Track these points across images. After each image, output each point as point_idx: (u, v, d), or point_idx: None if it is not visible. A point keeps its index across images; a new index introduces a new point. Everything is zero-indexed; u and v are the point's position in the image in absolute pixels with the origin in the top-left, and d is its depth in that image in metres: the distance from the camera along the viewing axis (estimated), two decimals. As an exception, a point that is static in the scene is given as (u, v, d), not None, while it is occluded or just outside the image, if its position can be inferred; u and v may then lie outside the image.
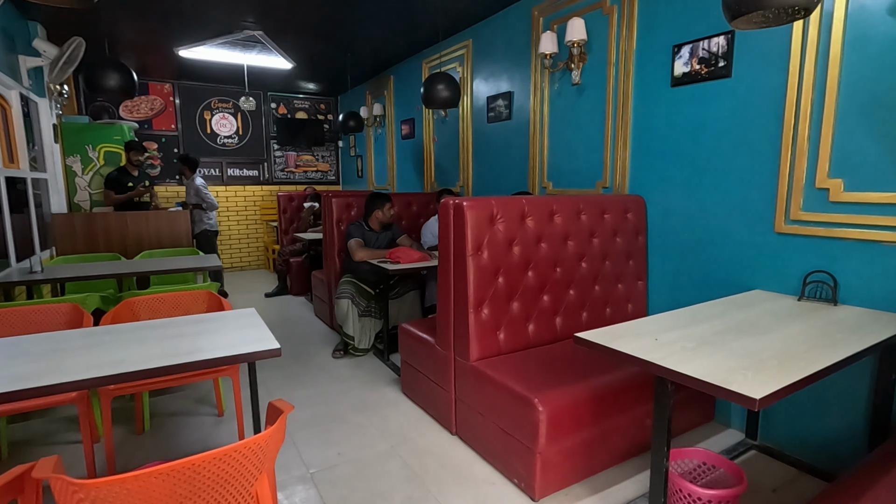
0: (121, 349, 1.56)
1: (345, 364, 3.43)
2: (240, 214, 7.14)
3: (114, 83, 2.99)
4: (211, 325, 1.83)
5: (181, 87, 6.53)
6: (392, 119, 5.84)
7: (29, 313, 2.18)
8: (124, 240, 4.32)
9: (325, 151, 7.74)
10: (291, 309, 5.01)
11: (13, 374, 1.37)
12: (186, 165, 5.32)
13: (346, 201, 4.04)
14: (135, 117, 6.28)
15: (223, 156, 6.91)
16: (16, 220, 3.47)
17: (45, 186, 4.31)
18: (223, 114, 6.85)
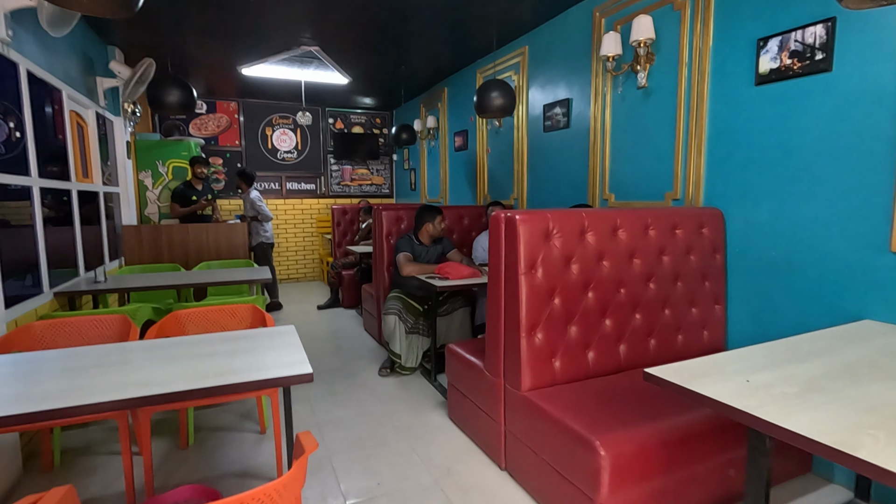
0: (151, 368, 1.50)
1: (391, 383, 3.31)
2: (297, 227, 7.30)
3: (173, 99, 3.08)
4: (247, 344, 1.75)
5: (245, 104, 6.80)
6: (445, 131, 5.76)
7: (83, 324, 2.21)
8: (186, 251, 4.47)
9: (380, 165, 7.80)
10: (341, 322, 4.98)
11: (48, 390, 1.34)
12: (243, 180, 5.47)
13: (397, 214, 3.95)
14: (202, 134, 6.60)
15: (283, 170, 7.11)
16: (88, 232, 3.65)
17: (117, 199, 4.55)
18: (283, 129, 7.06)
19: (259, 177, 6.72)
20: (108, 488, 2.12)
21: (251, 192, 5.40)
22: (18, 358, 1.63)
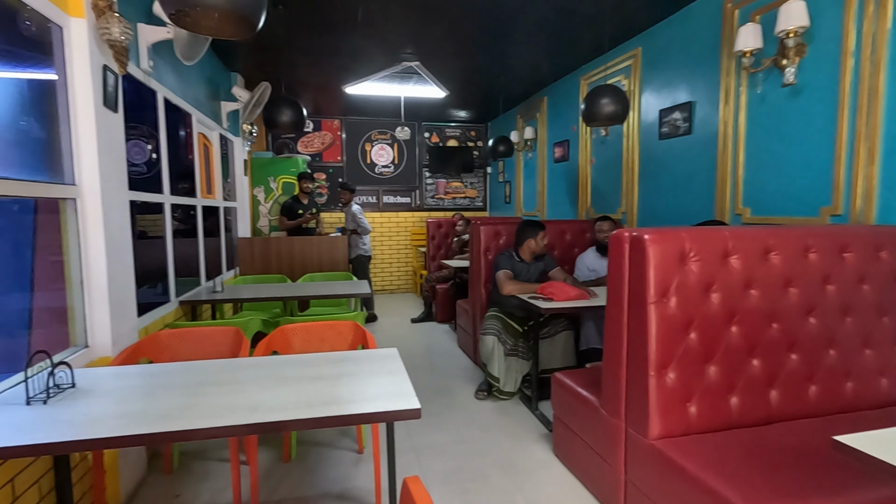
0: (261, 391, 1.47)
1: (488, 408, 3.13)
2: (392, 240, 7.45)
3: (286, 119, 3.21)
4: (352, 367, 1.68)
5: (347, 122, 7.10)
6: (544, 142, 5.53)
7: (201, 334, 2.31)
8: (292, 262, 4.69)
9: (474, 178, 7.73)
10: (435, 337, 4.92)
11: (167, 408, 1.35)
12: (346, 190, 5.64)
13: (495, 229, 3.80)
14: (308, 151, 6.98)
15: (380, 184, 7.31)
16: (209, 244, 3.94)
17: (235, 214, 4.91)
18: (382, 145, 7.27)
19: (357, 191, 6.97)
20: (218, 497, 2.17)
21: (353, 205, 5.56)
22: (144, 370, 1.70)
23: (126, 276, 2.20)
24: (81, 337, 1.98)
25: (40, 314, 1.96)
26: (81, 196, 1.95)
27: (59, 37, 1.88)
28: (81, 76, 1.92)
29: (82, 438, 1.16)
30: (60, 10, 1.86)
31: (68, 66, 1.90)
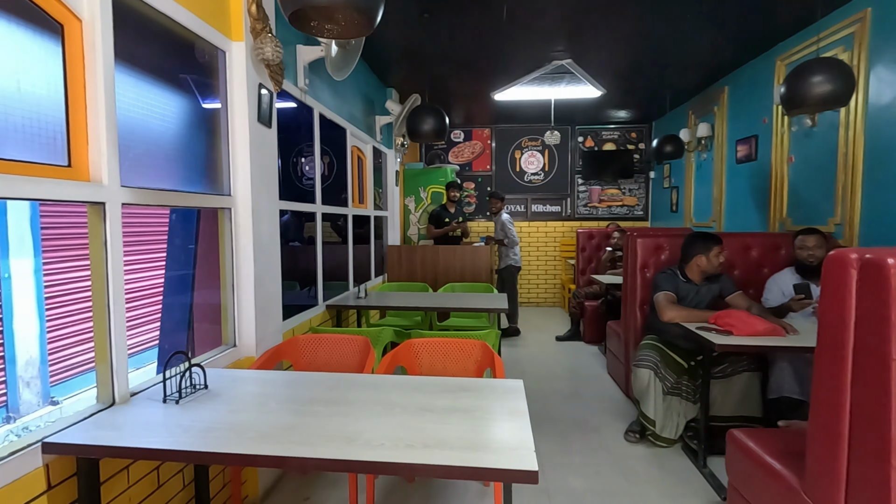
0: (366, 418, 1.34)
1: (640, 454, 2.64)
2: (540, 250, 7.11)
3: (427, 127, 3.17)
4: (468, 401, 1.46)
5: (497, 130, 7.01)
6: (723, 139, 4.67)
7: (335, 341, 2.34)
8: (435, 270, 4.71)
9: (633, 184, 6.98)
10: (581, 359, 4.46)
11: (271, 425, 1.30)
12: (500, 200, 5.49)
13: (656, 242, 3.25)
14: (459, 161, 7.07)
15: (529, 192, 7.05)
16: (358, 251, 4.15)
17: (385, 222, 5.14)
18: (532, 152, 7.01)
19: (507, 199, 6.80)
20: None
21: (503, 214, 5.37)
22: (266, 378, 1.72)
23: (273, 280, 2.33)
24: (231, 336, 2.13)
25: (199, 313, 2.17)
26: (235, 205, 2.11)
27: (223, 61, 2.06)
28: (239, 95, 2.08)
29: (182, 449, 1.16)
30: (224, 37, 2.03)
31: (229, 86, 2.07)
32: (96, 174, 1.40)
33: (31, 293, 3.41)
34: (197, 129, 1.98)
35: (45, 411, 3.45)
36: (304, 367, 2.30)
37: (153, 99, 1.74)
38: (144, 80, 1.70)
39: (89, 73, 1.38)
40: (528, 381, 3.80)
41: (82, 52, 1.36)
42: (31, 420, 3.35)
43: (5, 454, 1.13)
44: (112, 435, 1.24)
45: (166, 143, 1.83)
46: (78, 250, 3.98)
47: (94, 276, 1.43)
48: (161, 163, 1.79)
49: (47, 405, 3.51)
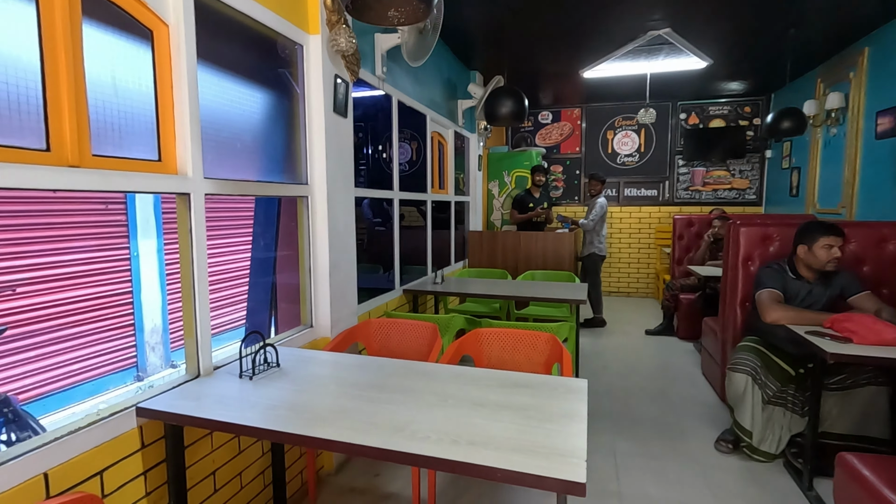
0: (414, 408, 1.34)
1: (733, 467, 2.39)
2: (632, 237, 6.67)
3: (504, 110, 3.07)
4: (524, 398, 1.40)
5: (588, 110, 6.63)
6: (859, 111, 3.98)
7: (404, 326, 2.39)
8: (517, 256, 4.62)
9: (745, 164, 6.25)
10: (673, 356, 4.13)
11: (322, 408, 1.35)
12: (599, 182, 5.12)
13: (763, 231, 2.88)
14: (546, 143, 6.82)
15: (621, 175, 6.61)
16: (438, 236, 4.18)
17: (467, 207, 5.13)
18: (626, 132, 6.55)
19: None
20: (407, 489, 2.20)
21: (600, 197, 5.06)
22: (333, 360, 1.80)
23: (347, 265, 2.43)
24: (308, 317, 2.26)
25: (281, 294, 2.32)
26: (312, 194, 2.21)
27: (300, 54, 2.14)
28: (315, 86, 2.16)
29: (244, 424, 1.24)
30: (302, 31, 2.11)
31: (306, 78, 2.16)
32: (182, 167, 1.53)
33: (155, 269, 3.91)
34: (277, 122, 2.10)
35: (167, 373, 3.96)
36: (376, 350, 2.38)
37: (236, 94, 1.87)
38: (228, 76, 1.82)
39: (175, 74, 1.50)
40: (611, 376, 3.61)
41: (169, 55, 1.49)
42: (156, 379, 3.87)
43: (106, 415, 1.29)
44: (192, 405, 1.37)
45: (249, 136, 1.96)
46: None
47: (182, 261, 1.58)
48: (244, 154, 1.92)
49: (168, 367, 4.03)
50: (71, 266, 3.33)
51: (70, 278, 3.33)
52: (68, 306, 3.33)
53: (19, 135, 1.13)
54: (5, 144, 1.10)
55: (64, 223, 3.32)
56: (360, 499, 2.15)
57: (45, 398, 3.22)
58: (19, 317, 3.05)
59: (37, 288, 3.15)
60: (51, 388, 3.25)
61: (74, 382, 3.39)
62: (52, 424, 3.22)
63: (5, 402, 2.11)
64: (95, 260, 3.51)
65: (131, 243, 3.73)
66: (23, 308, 3.08)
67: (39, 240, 3.16)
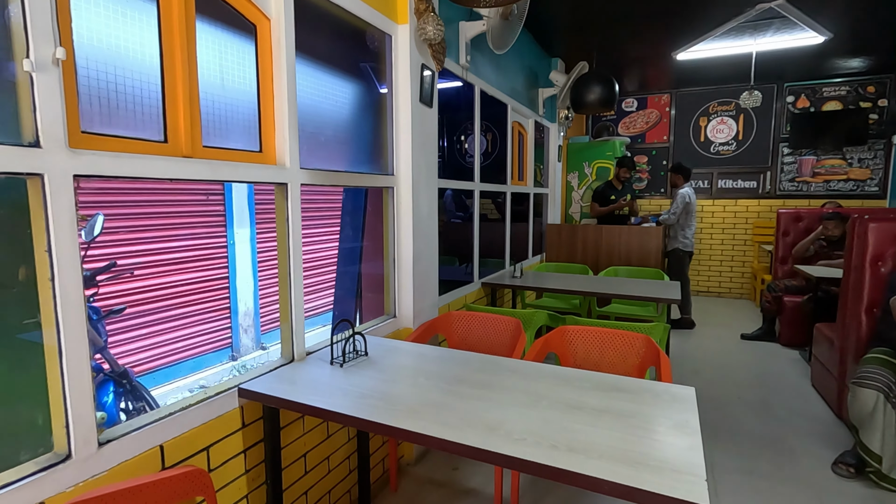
0: (507, 406, 1.28)
1: (856, 494, 2.11)
2: (725, 232, 6.15)
3: (593, 97, 2.91)
4: (626, 404, 1.30)
5: (678, 95, 6.18)
6: None
7: (486, 320, 2.34)
8: (598, 251, 4.41)
9: (867, 152, 5.52)
10: (775, 365, 3.75)
11: (413, 400, 1.34)
12: (680, 174, 4.84)
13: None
14: (630, 132, 6.45)
15: (715, 165, 6.10)
16: (516, 229, 4.09)
17: (545, 200, 4.97)
18: (722, 118, 6.02)
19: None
20: (487, 486, 2.17)
21: (684, 187, 4.73)
22: (421, 351, 1.79)
23: (430, 257, 2.41)
24: (391, 307, 2.28)
25: (366, 283, 2.35)
26: (397, 184, 2.21)
27: (389, 44, 2.14)
28: (403, 76, 2.15)
29: (339, 412, 1.25)
30: (391, 21, 2.10)
31: (394, 68, 2.16)
32: (281, 157, 1.58)
33: (248, 256, 4.16)
34: (366, 112, 2.12)
35: (257, 354, 4.22)
36: (457, 343, 2.35)
37: (327, 86, 1.90)
38: (319, 68, 1.85)
39: (276, 67, 1.54)
40: (702, 383, 3.34)
41: (270, 49, 1.53)
42: (248, 360, 4.13)
43: (212, 394, 1.36)
44: (288, 389, 1.41)
45: (339, 127, 1.99)
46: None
47: (279, 249, 1.64)
48: (334, 145, 1.95)
49: (258, 349, 4.29)
50: (178, 252, 3.64)
51: (177, 263, 3.63)
52: (176, 289, 3.64)
53: (143, 128, 1.21)
54: (133, 136, 1.18)
55: (172, 212, 3.62)
56: (440, 491, 2.14)
57: (154, 372, 3.55)
58: (135, 297, 3.38)
59: (150, 271, 3.46)
60: (159, 363, 3.58)
61: (179, 359, 3.70)
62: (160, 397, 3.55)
63: (124, 374, 2.33)
64: (198, 247, 3.80)
65: (228, 232, 3.99)
66: (138, 290, 3.40)
67: (152, 227, 3.48)
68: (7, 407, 1.09)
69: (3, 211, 1.06)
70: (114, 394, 2.26)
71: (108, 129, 1.12)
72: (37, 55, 0.94)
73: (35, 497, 0.97)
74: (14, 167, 0.93)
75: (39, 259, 1.00)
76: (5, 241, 1.07)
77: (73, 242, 1.02)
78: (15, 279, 1.08)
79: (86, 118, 1.07)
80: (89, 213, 2.92)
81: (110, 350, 2.44)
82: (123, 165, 1.12)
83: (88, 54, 1.10)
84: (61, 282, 1.01)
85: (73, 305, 1.03)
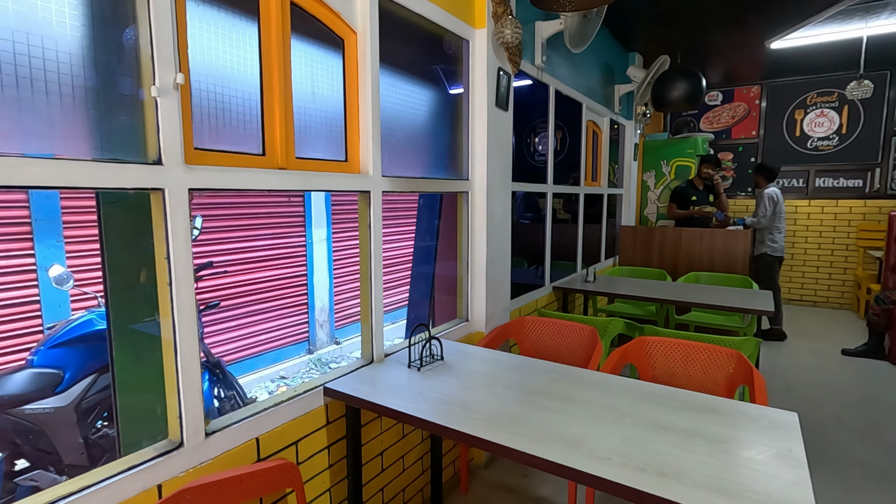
0: (588, 422, 1.25)
1: None
2: (823, 236, 5.60)
3: (677, 93, 2.75)
4: (717, 428, 1.22)
5: (770, 87, 5.70)
6: None
7: (560, 327, 2.29)
8: (676, 256, 4.18)
9: None
10: (885, 385, 3.37)
11: (490, 409, 1.34)
12: (762, 175, 4.50)
13: None
14: (713, 128, 6.04)
15: (812, 162, 5.57)
16: (589, 231, 3.96)
17: (619, 200, 4.78)
18: (821, 110, 5.48)
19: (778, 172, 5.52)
20: (558, 496, 2.13)
21: (768, 187, 4.39)
22: (496, 358, 1.78)
23: (503, 261, 2.40)
24: (464, 311, 2.29)
25: (440, 286, 2.39)
26: (472, 189, 2.22)
27: (466, 49, 2.15)
28: (479, 81, 2.15)
29: (420, 416, 1.28)
30: (468, 26, 2.11)
31: (471, 73, 2.16)
32: (364, 166, 1.64)
33: (325, 256, 4.36)
34: (443, 118, 2.14)
35: (331, 348, 4.42)
36: (529, 350, 2.32)
37: (406, 93, 1.94)
38: (399, 76, 1.90)
39: (361, 78, 1.60)
40: (796, 403, 3.08)
41: (356, 61, 1.59)
42: (323, 353, 4.34)
43: (301, 391, 1.44)
44: (369, 390, 1.46)
45: (417, 134, 2.03)
46: (353, 223, 4.92)
47: (361, 254, 1.70)
48: (412, 151, 1.99)
49: (332, 344, 4.49)
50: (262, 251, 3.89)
51: (262, 261, 3.89)
52: (260, 285, 3.90)
53: (244, 142, 1.29)
54: (237, 151, 1.27)
55: (258, 213, 3.88)
56: (510, 497, 2.13)
57: (240, 362, 3.82)
58: (224, 293, 3.65)
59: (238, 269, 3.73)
60: (244, 354, 3.85)
61: (261, 351, 3.96)
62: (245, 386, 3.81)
63: (217, 364, 2.53)
64: (280, 246, 4.05)
65: (307, 232, 4.21)
66: (227, 285, 3.67)
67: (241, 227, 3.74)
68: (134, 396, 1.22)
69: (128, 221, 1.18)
70: (209, 382, 2.45)
71: (216, 144, 1.21)
72: (161, 81, 1.03)
73: (153, 480, 1.08)
74: (141, 183, 1.03)
75: (159, 264, 1.11)
76: (131, 247, 1.19)
77: (186, 250, 1.12)
78: (137, 281, 1.21)
79: (197, 135, 1.17)
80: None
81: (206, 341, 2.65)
82: (229, 179, 1.21)
83: (199, 74, 1.20)
84: (178, 285, 1.11)
85: (187, 305, 1.13)
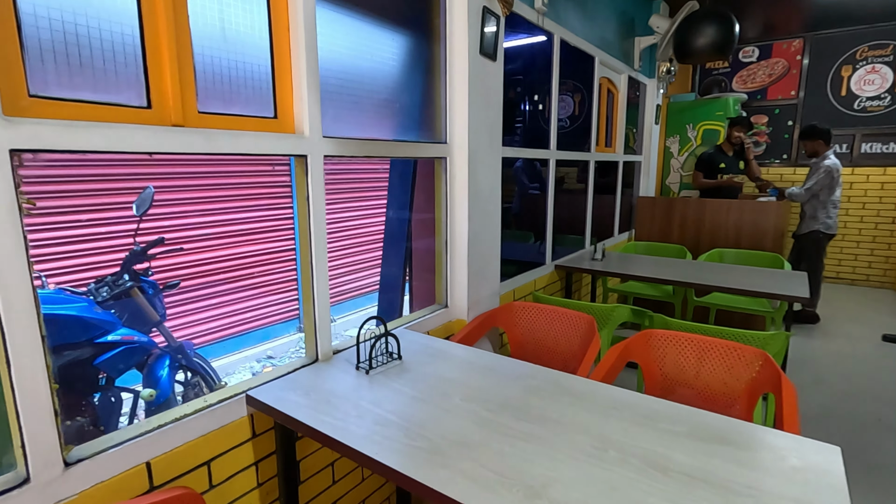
0: (561, 457, 0.96)
1: None
2: (867, 208, 5.08)
3: (703, 41, 2.33)
4: (733, 469, 0.92)
5: (814, 40, 5.08)
6: None
7: (553, 315, 1.99)
8: (698, 230, 3.78)
9: None
10: (931, 379, 2.99)
11: (436, 433, 1.06)
12: (820, 139, 3.81)
13: None
14: (747, 88, 5.47)
15: (858, 126, 5.00)
16: (599, 202, 3.59)
17: (637, 168, 4.36)
18: (873, 65, 4.87)
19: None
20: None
21: (827, 159, 3.78)
22: (462, 355, 1.49)
23: (490, 238, 2.09)
24: (442, 297, 2.00)
25: (416, 269, 2.09)
26: (451, 154, 1.89)
27: (443, -17, 1.78)
28: (459, 22, 1.79)
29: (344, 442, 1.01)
30: (445, -46, 1.74)
31: (448, 13, 1.80)
32: (300, 125, 1.33)
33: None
34: (413, 69, 1.80)
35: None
36: (518, 338, 2.04)
37: (363, 37, 1.60)
38: (352, 15, 1.56)
39: (292, 12, 1.27)
40: (828, 396, 2.73)
41: (284, -10, 1.26)
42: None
43: (214, 401, 1.19)
44: (297, 401, 1.20)
45: (379, 87, 1.70)
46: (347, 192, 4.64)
47: (299, 231, 1.41)
48: (373, 109, 1.67)
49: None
50: (243, 224, 3.65)
51: (243, 235, 3.65)
52: (242, 260, 3.68)
53: (116, 90, 1.00)
54: (104, 101, 0.98)
55: (237, 184, 3.62)
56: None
57: (223, 341, 3.64)
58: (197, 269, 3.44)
59: (216, 243, 3.51)
60: (225, 333, 3.67)
61: (246, 329, 3.78)
62: (229, 366, 3.64)
63: (180, 349, 2.33)
64: (264, 218, 3.80)
65: (293, 203, 3.95)
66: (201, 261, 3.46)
67: (217, 199, 3.49)
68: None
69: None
70: (169, 368, 2.25)
71: (67, 92, 0.92)
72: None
73: (-12, 526, 0.84)
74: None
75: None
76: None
77: (14, 225, 0.84)
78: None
79: (37, 79, 0.88)
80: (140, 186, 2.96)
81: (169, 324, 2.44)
82: (84, 137, 0.92)
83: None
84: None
85: (20, 303, 0.86)
